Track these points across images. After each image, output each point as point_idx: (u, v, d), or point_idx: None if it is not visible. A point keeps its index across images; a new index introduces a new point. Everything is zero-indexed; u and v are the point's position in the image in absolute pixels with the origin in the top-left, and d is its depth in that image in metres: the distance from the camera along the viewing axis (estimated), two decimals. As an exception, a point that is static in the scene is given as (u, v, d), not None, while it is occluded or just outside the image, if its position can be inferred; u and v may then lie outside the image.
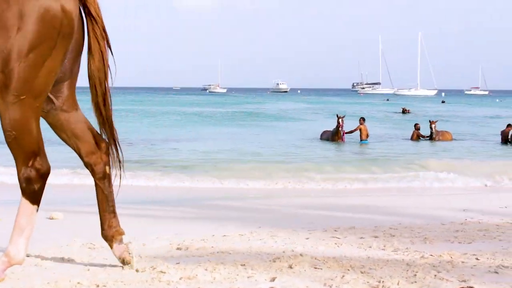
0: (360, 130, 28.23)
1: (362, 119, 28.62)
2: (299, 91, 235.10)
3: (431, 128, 30.51)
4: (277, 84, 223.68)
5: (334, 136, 28.67)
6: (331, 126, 31.77)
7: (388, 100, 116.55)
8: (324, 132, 30.16)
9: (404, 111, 61.31)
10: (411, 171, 19.06)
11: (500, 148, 27.46)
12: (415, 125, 31.51)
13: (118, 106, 75.40)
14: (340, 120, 28.50)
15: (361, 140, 28.09)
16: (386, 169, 19.27)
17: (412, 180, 17.83)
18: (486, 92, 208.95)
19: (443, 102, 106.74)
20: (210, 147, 26.15)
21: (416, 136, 30.73)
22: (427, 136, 30.28)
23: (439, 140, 30.51)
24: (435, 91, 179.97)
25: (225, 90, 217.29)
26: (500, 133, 30.15)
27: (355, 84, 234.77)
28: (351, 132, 28.47)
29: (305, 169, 19.23)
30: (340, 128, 28.35)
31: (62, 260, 6.07)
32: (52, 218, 10.02)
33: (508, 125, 29.84)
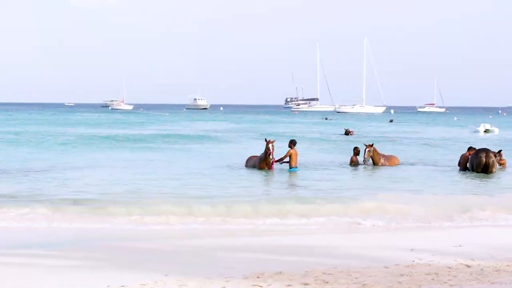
0: (290, 156, 28.47)
1: (292, 143, 28.85)
2: (221, 108, 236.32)
3: (364, 152, 31.27)
4: (195, 99, 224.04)
5: (261, 163, 28.87)
6: (258, 150, 32.00)
7: (326, 119, 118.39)
8: (250, 158, 30.31)
9: (347, 133, 62.38)
10: (350, 204, 19.38)
11: (457, 177, 28.17)
12: (354, 149, 32.13)
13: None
14: (270, 145, 28.72)
15: (290, 168, 28.34)
16: (322, 203, 19.53)
17: (351, 215, 18.15)
18: (443, 109, 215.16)
19: (391, 121, 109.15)
20: (108, 177, 25.91)
21: (356, 161, 31.39)
22: (370, 163, 30.95)
23: (382, 164, 31.23)
24: (383, 108, 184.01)
25: (131, 107, 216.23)
26: (459, 158, 30.89)
27: (288, 100, 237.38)
28: (281, 160, 28.72)
29: (226, 203, 19.30)
30: (269, 155, 28.56)
31: None
32: None
33: (470, 148, 30.54)
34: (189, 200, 19.84)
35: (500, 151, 30.41)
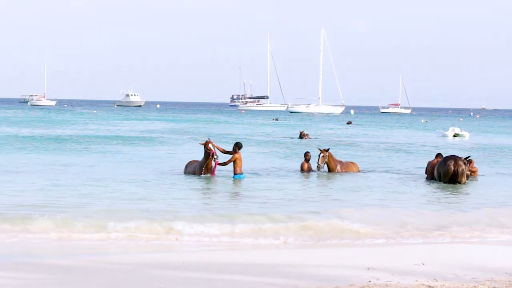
0: (235, 161, 28.42)
1: (237, 146, 28.77)
2: (158, 106, 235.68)
3: (318, 157, 31.46)
4: (127, 95, 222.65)
5: (201, 168, 28.80)
6: (199, 154, 31.95)
7: (277, 119, 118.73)
8: (190, 163, 30.21)
9: (301, 136, 62.73)
10: (301, 217, 19.42)
11: (423, 187, 28.41)
12: (305, 154, 32.31)
13: None
14: (210, 145, 28.62)
15: (234, 175, 28.31)
16: (270, 216, 19.54)
17: (302, 230, 18.24)
18: (409, 111, 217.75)
19: (349, 123, 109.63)
20: (21, 184, 25.63)
21: (308, 168, 31.60)
22: (324, 170, 31.18)
23: (339, 172, 31.46)
24: (342, 108, 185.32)
25: (54, 103, 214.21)
26: (426, 165, 31.22)
27: (235, 98, 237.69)
28: (225, 163, 28.60)
29: (161, 215, 19.26)
30: (213, 156, 28.35)
31: None
32: None
33: (438, 155, 30.88)
34: (117, 212, 19.71)
35: (467, 157, 30.63)
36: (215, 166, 28.93)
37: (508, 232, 19.10)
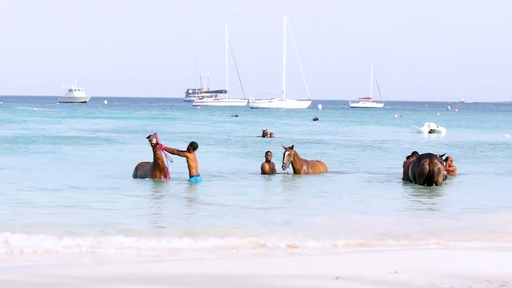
0: (188, 161, 28.19)
1: (192, 146, 28.54)
2: (105, 101, 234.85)
3: (283, 156, 31.37)
4: (70, 90, 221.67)
5: (155, 170, 28.60)
6: (149, 155, 31.88)
7: (237, 116, 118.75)
8: (140, 165, 30.00)
9: (264, 134, 62.75)
10: (263, 228, 19.40)
11: (397, 189, 28.49)
12: (266, 154, 32.23)
13: None
14: (151, 136, 28.35)
15: (190, 177, 28.18)
16: (229, 226, 19.52)
17: (264, 240, 18.19)
18: (381, 105, 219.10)
19: (316, 119, 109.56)
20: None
21: (269, 169, 31.50)
22: (289, 171, 31.17)
23: (305, 173, 31.45)
24: (309, 103, 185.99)
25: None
26: (402, 165, 31.35)
27: (190, 92, 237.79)
28: (173, 152, 28.06)
29: (107, 226, 19.18)
30: (155, 145, 27.92)
31: None
32: None
33: (413, 154, 31.08)
34: (58, 223, 19.54)
35: (443, 155, 30.62)
36: (167, 162, 28.66)
37: (491, 238, 19.22)
